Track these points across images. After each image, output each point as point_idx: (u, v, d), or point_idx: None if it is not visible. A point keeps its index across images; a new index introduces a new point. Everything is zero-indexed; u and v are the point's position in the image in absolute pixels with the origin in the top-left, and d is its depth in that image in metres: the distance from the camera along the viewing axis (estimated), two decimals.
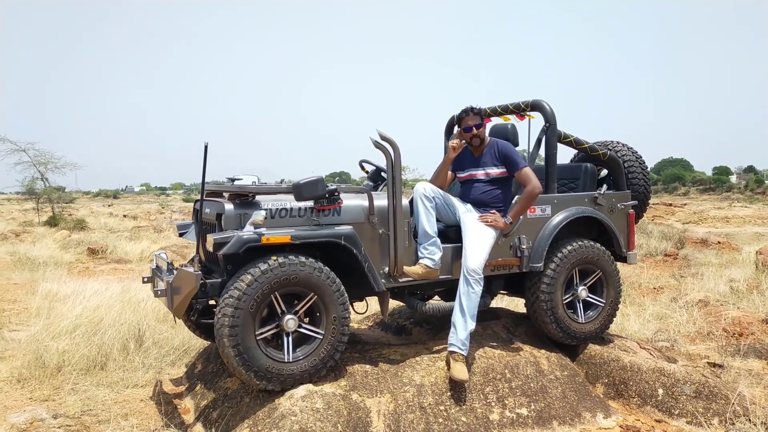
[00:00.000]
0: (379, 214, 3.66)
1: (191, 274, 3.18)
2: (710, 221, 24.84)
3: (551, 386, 3.81)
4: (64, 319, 5.32)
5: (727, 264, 10.17)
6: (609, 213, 4.44)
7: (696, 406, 3.74)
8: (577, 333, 4.21)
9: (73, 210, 26.44)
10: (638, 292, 8.07)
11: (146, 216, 27.58)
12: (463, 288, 3.70)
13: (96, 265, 11.06)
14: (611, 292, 4.37)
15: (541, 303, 4.08)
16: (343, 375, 3.52)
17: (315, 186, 3.34)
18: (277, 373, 3.25)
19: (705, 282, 8.26)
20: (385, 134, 3.52)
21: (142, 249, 12.61)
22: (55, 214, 21.35)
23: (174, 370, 4.66)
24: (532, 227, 4.10)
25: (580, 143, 4.60)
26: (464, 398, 3.55)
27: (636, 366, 4.03)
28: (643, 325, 6.18)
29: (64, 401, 3.96)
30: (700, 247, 12.59)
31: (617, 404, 3.91)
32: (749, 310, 6.60)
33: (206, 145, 3.16)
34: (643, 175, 4.80)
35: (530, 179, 3.86)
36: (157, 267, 3.87)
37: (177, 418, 3.72)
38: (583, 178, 4.59)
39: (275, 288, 3.21)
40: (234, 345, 3.12)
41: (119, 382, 4.31)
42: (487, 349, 3.96)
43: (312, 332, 3.38)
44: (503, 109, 4.59)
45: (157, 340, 5.02)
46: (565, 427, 3.60)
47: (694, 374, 3.94)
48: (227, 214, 3.35)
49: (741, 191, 48.66)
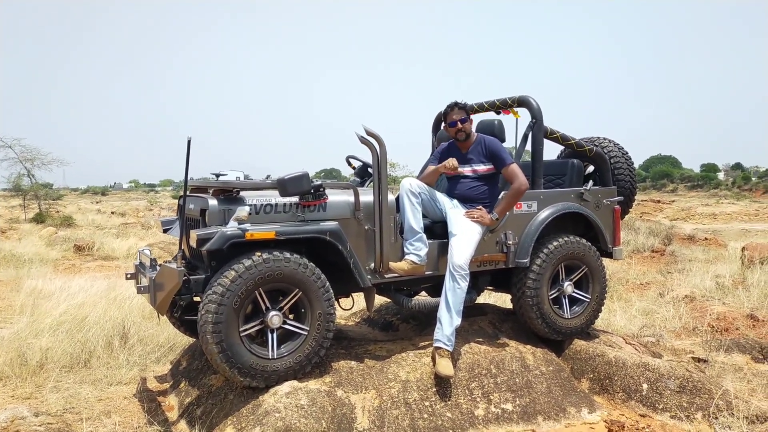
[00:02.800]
0: (365, 210, 3.64)
1: (174, 271, 3.15)
2: (698, 218, 25.06)
3: (536, 381, 3.82)
4: (48, 316, 5.28)
5: (713, 260, 10.26)
6: (595, 209, 4.45)
7: (680, 400, 3.76)
8: (563, 328, 4.23)
9: (61, 207, 26.22)
10: (625, 288, 8.12)
11: (134, 213, 27.42)
12: (449, 284, 3.69)
13: (82, 262, 10.97)
14: (597, 288, 4.39)
15: (527, 299, 4.08)
16: (328, 371, 3.51)
17: (300, 181, 3.31)
18: (262, 370, 3.23)
19: (691, 278, 8.32)
20: (371, 130, 3.51)
21: (129, 246, 12.53)
22: (41, 211, 21.17)
23: (159, 367, 4.63)
24: (518, 223, 4.10)
25: (567, 139, 4.61)
26: (449, 394, 3.54)
27: (621, 361, 4.04)
28: (629, 320, 6.22)
29: (46, 399, 3.91)
30: (687, 244, 12.69)
31: (602, 399, 3.92)
32: (734, 305, 6.66)
33: (189, 140, 3.13)
34: (629, 172, 4.82)
35: (517, 176, 3.85)
36: (140, 263, 3.83)
37: (161, 415, 3.69)
38: (570, 174, 4.60)
39: (259, 284, 3.19)
40: (217, 342, 3.09)
41: (103, 380, 4.27)
42: (473, 344, 3.96)
43: (297, 329, 3.36)
44: (490, 105, 4.58)
45: (142, 337, 4.98)
46: (550, 422, 3.60)
47: (679, 369, 3.96)
48: (211, 210, 3.32)
49: (728, 188, 49.11)
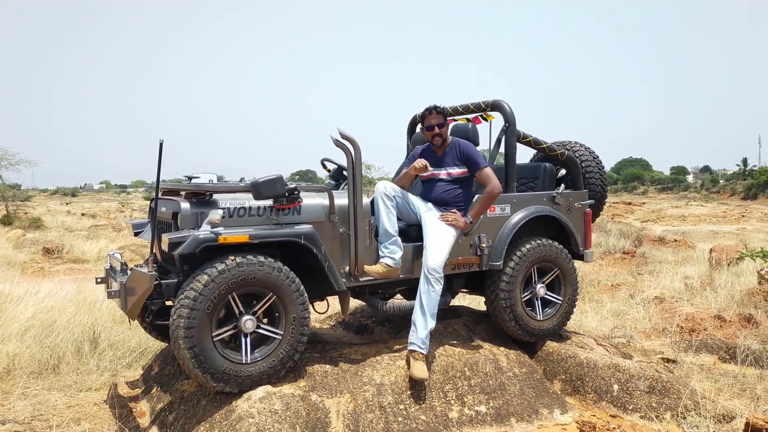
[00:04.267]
0: (340, 213, 3.64)
1: (145, 275, 3.11)
2: (668, 219, 25.60)
3: (510, 383, 3.85)
4: (16, 321, 5.14)
5: (682, 261, 10.48)
6: (567, 212, 4.51)
7: (649, 400, 3.84)
8: (536, 330, 4.28)
9: (29, 208, 25.69)
10: (597, 289, 8.24)
11: (105, 214, 26.94)
12: (424, 286, 3.71)
13: (51, 266, 10.74)
14: (569, 290, 4.45)
15: (500, 301, 4.12)
16: (302, 375, 3.49)
17: (274, 184, 3.29)
18: (235, 375, 3.20)
19: (661, 279, 8.49)
20: (346, 132, 3.51)
21: (100, 248, 12.31)
22: (9, 213, 20.64)
23: (130, 372, 4.55)
24: (491, 226, 4.14)
25: (539, 143, 4.67)
26: (424, 397, 3.56)
27: (592, 362, 4.11)
28: (600, 321, 6.32)
29: (13, 406, 3.82)
30: (657, 245, 12.95)
31: (574, 400, 3.98)
32: (702, 306, 6.81)
33: (161, 142, 3.09)
34: (599, 175, 4.90)
35: (490, 179, 3.89)
36: (111, 267, 3.77)
37: (132, 421, 3.64)
38: (542, 177, 4.66)
39: (233, 288, 3.16)
40: (190, 347, 3.05)
41: (72, 386, 4.18)
42: (447, 347, 3.98)
43: (271, 333, 3.34)
44: (464, 108, 4.62)
45: (113, 342, 4.89)
46: (522, 423, 3.64)
47: (648, 370, 4.03)
48: (183, 213, 3.28)
49: (697, 190, 50.30)
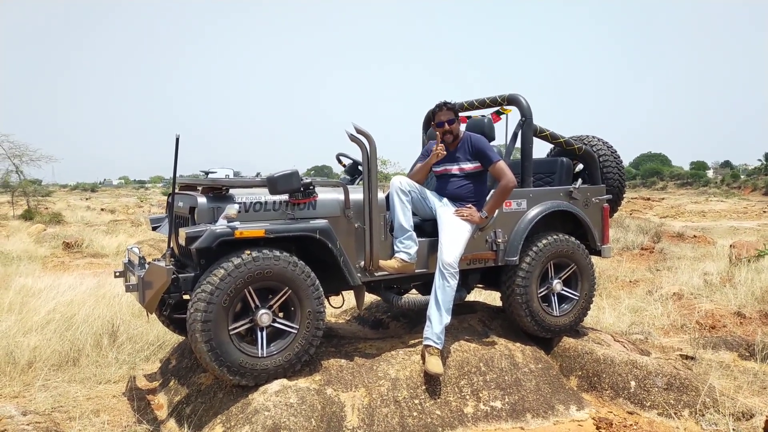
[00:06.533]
0: (355, 208, 3.64)
1: (163, 269, 3.14)
2: (687, 215, 25.26)
3: (525, 379, 3.83)
4: (37, 314, 5.23)
5: (701, 257, 10.33)
6: (584, 207, 4.47)
7: (667, 397, 3.79)
8: (552, 326, 4.25)
9: (50, 203, 26.03)
10: (614, 286, 8.17)
11: (124, 209, 27.26)
12: (439, 282, 3.70)
13: (71, 260, 10.90)
14: (585, 286, 4.41)
15: (516, 296, 4.10)
16: (317, 369, 3.51)
17: (289, 179, 3.30)
18: (251, 368, 3.22)
19: (680, 275, 8.38)
20: (361, 128, 3.50)
21: (118, 243, 12.47)
22: (30, 208, 20.99)
23: (148, 365, 4.61)
24: (507, 221, 4.12)
25: (556, 138, 4.62)
26: (439, 392, 3.56)
27: (609, 358, 4.07)
28: (618, 318, 6.26)
29: (34, 398, 3.89)
30: (676, 241, 12.78)
31: (590, 396, 3.95)
32: (722, 302, 6.72)
33: (177, 137, 3.12)
34: (617, 170, 4.84)
35: (504, 173, 3.86)
36: (129, 261, 3.81)
37: (150, 414, 3.68)
38: (559, 172, 4.61)
39: (249, 282, 3.19)
40: (207, 340, 3.09)
41: (91, 378, 4.25)
42: (463, 342, 3.98)
43: (286, 327, 3.36)
44: (480, 103, 4.59)
45: (132, 336, 4.96)
46: (538, 419, 3.63)
47: (666, 366, 3.99)
48: (200, 208, 3.31)
49: (717, 186, 49.53)
